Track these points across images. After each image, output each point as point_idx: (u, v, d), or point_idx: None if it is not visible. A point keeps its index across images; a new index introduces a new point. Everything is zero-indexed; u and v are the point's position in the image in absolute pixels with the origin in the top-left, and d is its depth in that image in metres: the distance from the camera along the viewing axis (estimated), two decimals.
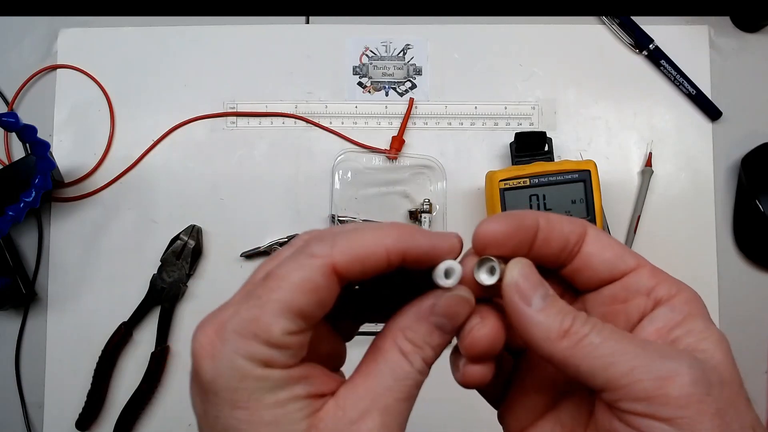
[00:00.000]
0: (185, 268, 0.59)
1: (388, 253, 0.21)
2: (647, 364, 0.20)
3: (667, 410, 0.20)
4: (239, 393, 0.20)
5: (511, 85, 0.62)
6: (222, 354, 0.20)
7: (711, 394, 0.20)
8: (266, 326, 0.20)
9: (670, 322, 0.23)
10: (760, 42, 0.62)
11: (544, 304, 0.22)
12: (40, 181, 0.53)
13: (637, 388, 0.20)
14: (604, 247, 0.24)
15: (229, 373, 0.20)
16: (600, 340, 0.21)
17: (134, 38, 0.63)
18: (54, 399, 0.59)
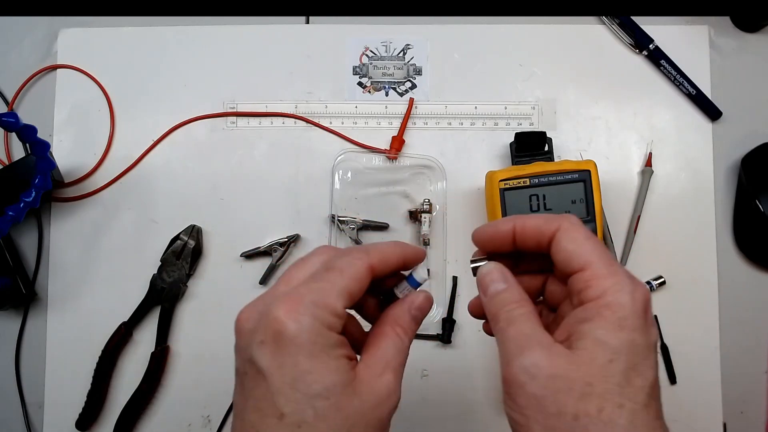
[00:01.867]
0: (185, 268, 0.59)
1: (397, 258, 0.33)
2: (507, 352, 0.29)
3: (504, 384, 0.30)
4: (316, 345, 0.28)
5: (511, 85, 0.62)
6: (305, 317, 0.28)
7: (529, 383, 0.28)
8: (334, 301, 0.29)
9: (575, 323, 0.29)
10: (760, 42, 0.62)
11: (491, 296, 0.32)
12: (40, 181, 0.53)
13: (501, 364, 0.30)
14: (561, 250, 0.30)
15: (310, 329, 0.28)
16: (503, 326, 0.30)
17: (134, 38, 0.63)
18: (54, 399, 0.59)
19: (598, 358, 0.27)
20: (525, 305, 0.31)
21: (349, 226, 0.59)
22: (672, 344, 0.59)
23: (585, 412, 0.26)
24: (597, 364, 0.27)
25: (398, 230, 0.60)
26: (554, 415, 0.27)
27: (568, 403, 0.27)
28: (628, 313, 0.28)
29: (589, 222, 0.54)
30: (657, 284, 0.59)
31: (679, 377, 0.58)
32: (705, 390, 0.58)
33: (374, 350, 0.31)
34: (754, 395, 0.59)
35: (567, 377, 0.27)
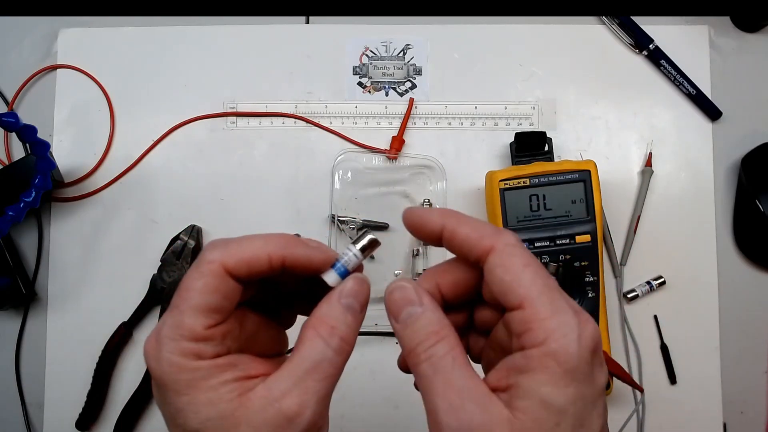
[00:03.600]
0: (185, 268, 0.59)
1: (270, 258, 0.27)
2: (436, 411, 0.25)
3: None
4: (179, 383, 0.25)
5: (511, 85, 0.62)
6: (161, 354, 0.25)
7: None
8: (189, 326, 0.26)
9: (514, 372, 0.25)
10: (760, 42, 0.62)
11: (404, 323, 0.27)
12: (40, 181, 0.53)
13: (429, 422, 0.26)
14: (495, 281, 0.26)
15: (169, 368, 0.25)
16: (428, 372, 0.26)
17: (134, 38, 0.63)
18: (54, 399, 0.59)
19: (544, 424, 0.24)
20: (448, 337, 0.26)
21: (349, 226, 0.59)
22: (672, 344, 0.59)
23: None
24: (543, 429, 0.24)
25: (398, 230, 0.60)
26: None
27: None
28: (574, 362, 0.24)
29: (589, 222, 0.54)
30: (657, 284, 0.59)
31: (679, 377, 0.58)
32: (705, 390, 0.58)
33: (285, 365, 0.26)
34: (754, 395, 0.59)
35: None
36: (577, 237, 0.54)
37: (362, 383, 0.58)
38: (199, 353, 0.26)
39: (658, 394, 0.58)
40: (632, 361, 0.59)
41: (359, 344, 0.58)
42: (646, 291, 0.59)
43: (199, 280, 0.26)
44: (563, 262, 0.54)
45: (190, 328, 0.25)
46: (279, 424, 0.25)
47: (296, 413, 0.25)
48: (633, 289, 0.59)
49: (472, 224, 0.27)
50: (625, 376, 0.53)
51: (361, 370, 0.58)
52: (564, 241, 0.54)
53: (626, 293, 0.59)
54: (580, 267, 0.54)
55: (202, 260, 0.27)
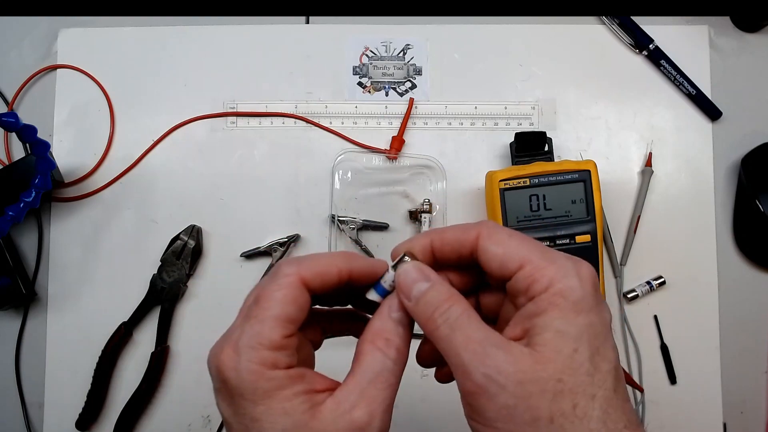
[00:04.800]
0: (185, 268, 0.59)
1: (339, 270, 0.29)
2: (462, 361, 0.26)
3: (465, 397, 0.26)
4: (258, 392, 0.26)
5: (511, 85, 0.62)
6: (241, 364, 0.26)
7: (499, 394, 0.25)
8: (268, 335, 0.27)
9: (528, 318, 0.27)
10: (760, 42, 0.62)
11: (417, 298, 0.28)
12: (40, 181, 0.53)
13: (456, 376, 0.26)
14: (491, 257, 0.28)
15: (248, 377, 0.26)
16: (446, 332, 0.27)
17: (134, 38, 0.63)
18: (54, 399, 0.59)
19: (563, 350, 0.25)
20: (459, 302, 0.28)
21: (349, 226, 0.59)
22: (672, 344, 0.59)
23: (560, 412, 0.25)
24: (563, 357, 0.25)
25: (398, 230, 0.60)
26: (529, 422, 0.25)
27: (542, 407, 0.25)
28: (579, 295, 0.26)
29: (589, 222, 0.54)
30: (657, 284, 0.59)
31: (679, 377, 0.58)
32: (705, 390, 0.58)
33: (349, 378, 0.28)
34: (754, 395, 0.59)
35: (537, 379, 0.25)
36: (577, 237, 0.54)
37: None
38: (276, 363, 0.27)
39: (658, 394, 0.58)
40: (632, 361, 0.59)
41: None
42: (646, 291, 0.59)
43: (278, 291, 0.28)
44: None
45: (269, 337, 0.27)
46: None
47: (367, 423, 0.26)
48: (633, 289, 0.59)
49: (454, 227, 0.30)
50: (625, 375, 0.53)
51: None
52: (564, 241, 0.54)
53: (626, 293, 0.59)
54: None
55: (279, 273, 0.28)
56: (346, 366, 0.29)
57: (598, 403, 0.25)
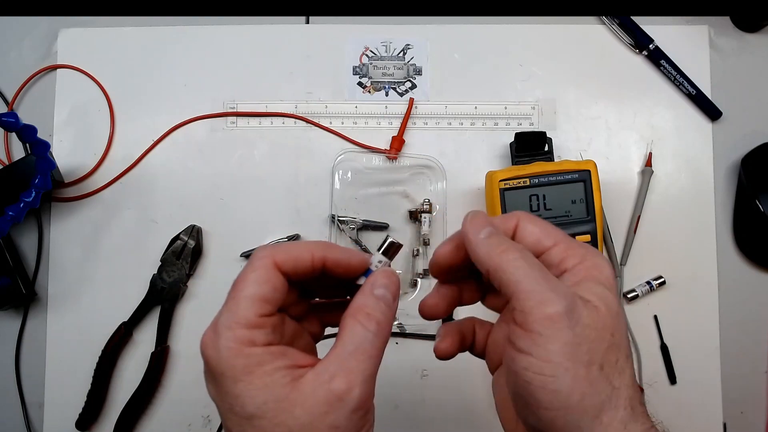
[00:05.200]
0: (185, 268, 0.59)
1: (312, 257, 0.30)
2: (540, 290, 0.27)
3: (535, 324, 0.26)
4: (236, 369, 0.27)
5: (511, 85, 0.62)
6: (219, 343, 0.28)
7: (572, 328, 0.26)
8: (243, 314, 0.28)
9: (570, 284, 0.29)
10: (760, 42, 0.62)
11: (488, 235, 0.30)
12: (40, 181, 0.53)
13: (528, 303, 0.27)
14: (531, 233, 0.31)
15: (226, 354, 0.27)
16: (523, 264, 0.28)
17: (134, 38, 0.63)
18: (54, 399, 0.59)
19: (612, 310, 0.28)
20: (524, 249, 0.30)
21: (349, 226, 0.59)
22: (672, 344, 0.59)
23: (609, 362, 0.27)
24: (612, 316, 0.28)
25: (398, 230, 0.60)
26: (585, 363, 0.26)
27: (599, 353, 0.27)
28: (610, 273, 0.29)
29: (589, 222, 0.54)
30: (657, 284, 0.59)
31: (679, 377, 0.58)
32: (705, 390, 0.58)
33: (330, 351, 0.29)
34: (754, 395, 0.59)
35: (600, 327, 0.27)
36: (577, 237, 0.54)
37: None
38: (253, 340, 0.28)
39: (658, 394, 0.58)
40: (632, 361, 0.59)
41: None
42: (646, 291, 0.59)
43: (252, 273, 0.29)
44: None
45: (244, 315, 0.28)
46: (330, 403, 0.27)
47: (345, 391, 0.27)
48: (633, 289, 0.59)
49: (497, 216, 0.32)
50: None
51: None
52: None
53: (626, 293, 0.59)
54: None
55: (254, 258, 0.30)
56: None
57: (630, 363, 0.28)
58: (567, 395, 0.26)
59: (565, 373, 0.26)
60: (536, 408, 0.27)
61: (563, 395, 0.26)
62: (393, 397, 0.58)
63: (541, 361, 0.26)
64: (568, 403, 0.26)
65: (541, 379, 0.26)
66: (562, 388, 0.26)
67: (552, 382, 0.26)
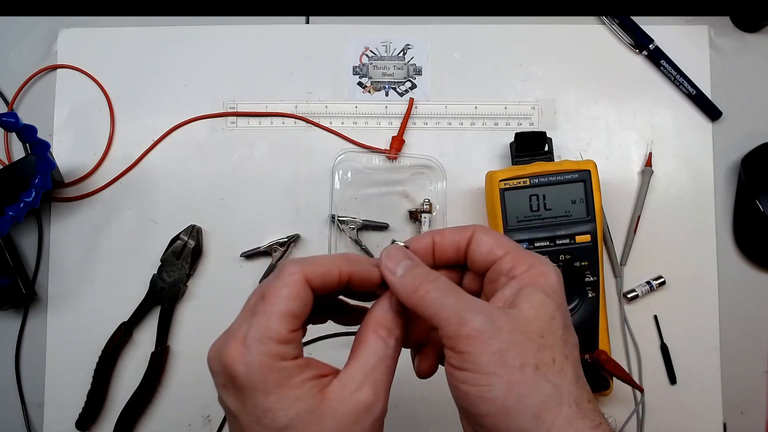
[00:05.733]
0: (185, 268, 0.59)
1: (340, 272, 0.31)
2: (456, 313, 0.28)
3: (460, 345, 0.28)
4: (269, 383, 0.28)
5: (511, 85, 0.62)
6: (251, 357, 0.28)
7: (495, 338, 0.28)
8: (276, 329, 0.28)
9: (513, 290, 0.30)
10: (760, 42, 0.62)
11: (403, 272, 0.30)
12: (40, 181, 0.53)
13: (449, 329, 0.28)
14: (483, 244, 0.32)
15: (258, 369, 0.28)
16: (436, 294, 0.29)
17: (134, 38, 0.63)
18: (54, 399, 0.59)
19: (544, 314, 0.29)
20: (443, 277, 0.31)
21: (349, 226, 0.59)
22: (672, 344, 0.59)
23: (543, 362, 0.28)
24: (544, 319, 0.29)
25: (398, 230, 0.60)
26: (518, 367, 0.27)
27: (530, 355, 0.28)
28: (555, 281, 0.31)
29: (589, 222, 0.54)
30: (657, 284, 0.59)
31: (679, 377, 0.58)
32: (705, 390, 0.58)
33: (352, 362, 0.30)
34: (754, 395, 0.59)
35: (525, 331, 0.28)
36: (577, 237, 0.54)
37: None
38: (284, 355, 0.28)
39: (658, 394, 0.58)
40: (632, 361, 0.59)
41: None
42: (646, 291, 0.59)
43: (284, 288, 0.29)
44: (563, 262, 0.54)
45: (276, 330, 0.28)
46: (358, 413, 0.28)
47: (372, 402, 0.29)
48: (633, 289, 0.59)
49: (451, 228, 0.33)
50: (625, 376, 0.53)
51: None
52: (564, 241, 0.54)
53: (626, 293, 0.59)
54: (580, 267, 0.54)
55: (284, 272, 0.30)
56: (343, 363, 0.31)
57: (570, 363, 0.29)
58: (504, 399, 0.27)
59: (498, 380, 0.27)
60: (478, 417, 0.28)
61: (500, 400, 0.27)
62: (393, 397, 0.58)
63: (475, 374, 0.27)
64: (506, 407, 0.27)
65: (477, 389, 0.27)
66: (497, 394, 0.27)
67: (488, 390, 0.27)
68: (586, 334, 0.54)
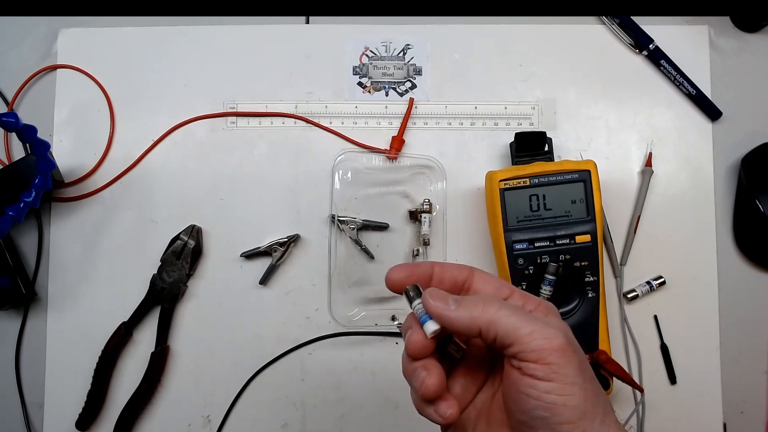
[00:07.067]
0: (185, 268, 0.59)
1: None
2: (539, 328, 0.30)
3: (549, 357, 0.30)
4: None
5: (511, 85, 0.62)
6: None
7: (576, 352, 0.31)
8: None
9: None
10: (760, 42, 0.62)
11: (457, 302, 0.32)
12: (40, 181, 0.53)
13: (534, 343, 0.30)
14: (487, 284, 0.34)
15: None
16: (508, 312, 0.31)
17: (134, 38, 0.63)
18: (54, 399, 0.59)
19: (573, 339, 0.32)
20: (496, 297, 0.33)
21: (349, 226, 0.59)
22: (672, 344, 0.59)
23: (594, 375, 0.32)
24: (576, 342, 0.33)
25: (398, 230, 0.60)
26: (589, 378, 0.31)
27: (589, 368, 0.31)
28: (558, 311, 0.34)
29: (589, 222, 0.54)
30: (657, 284, 0.59)
31: (679, 377, 0.58)
32: (705, 390, 0.58)
33: None
34: (754, 395, 0.59)
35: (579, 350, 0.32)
36: (577, 237, 0.54)
37: (362, 384, 0.58)
38: None
39: (658, 394, 0.58)
40: (632, 361, 0.59)
41: (359, 344, 0.58)
42: (646, 291, 0.59)
43: None
44: (563, 262, 0.54)
45: None
46: None
47: None
48: (633, 289, 0.59)
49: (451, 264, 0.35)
50: (625, 376, 0.53)
51: (361, 371, 0.58)
52: (564, 241, 0.54)
53: (626, 293, 0.59)
54: (580, 267, 0.54)
55: None
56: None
57: None
58: (583, 406, 0.29)
59: (580, 389, 0.30)
60: (558, 425, 0.29)
61: (581, 407, 0.29)
62: (393, 398, 0.58)
63: (562, 384, 0.29)
64: (584, 413, 0.29)
65: (563, 398, 0.29)
66: (579, 402, 0.29)
67: (571, 399, 0.29)
68: (586, 334, 0.54)
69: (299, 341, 0.59)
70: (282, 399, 0.59)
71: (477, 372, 0.35)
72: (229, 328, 0.59)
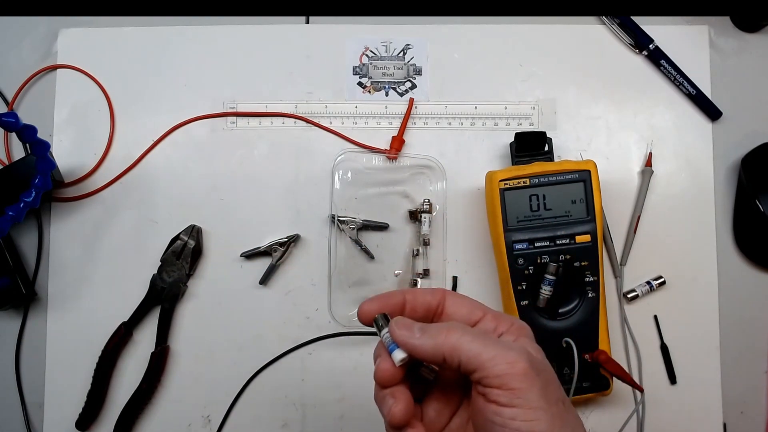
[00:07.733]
0: (185, 268, 0.59)
1: None
2: (502, 353, 0.30)
3: (512, 382, 0.29)
4: None
5: (511, 85, 0.62)
6: None
7: (540, 374, 0.30)
8: None
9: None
10: (760, 42, 0.62)
11: (422, 329, 0.32)
12: (40, 181, 0.53)
13: (497, 368, 0.30)
14: (460, 306, 0.34)
15: None
16: (471, 338, 0.31)
17: (134, 38, 0.63)
18: (54, 399, 0.59)
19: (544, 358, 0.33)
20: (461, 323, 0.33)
21: (349, 226, 0.59)
22: (672, 344, 0.59)
23: (563, 397, 0.31)
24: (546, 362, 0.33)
25: (398, 230, 0.60)
26: (554, 402, 0.30)
27: (557, 390, 0.31)
28: (531, 331, 0.34)
29: (589, 222, 0.54)
30: (657, 284, 0.59)
31: (679, 377, 0.58)
32: (705, 390, 0.58)
33: None
34: (754, 395, 0.59)
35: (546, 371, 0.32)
36: (577, 237, 0.54)
37: (362, 383, 0.58)
38: None
39: (658, 394, 0.58)
40: (632, 361, 0.59)
41: (359, 344, 0.58)
42: (646, 291, 0.59)
43: None
44: (563, 262, 0.54)
45: None
46: None
47: None
48: (633, 289, 0.59)
49: (422, 289, 0.36)
50: (625, 376, 0.53)
51: (360, 370, 0.58)
52: (564, 241, 0.54)
53: (626, 293, 0.59)
54: (580, 267, 0.54)
55: None
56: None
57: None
58: (550, 431, 0.29)
59: (544, 414, 0.29)
60: None
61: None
62: None
63: (525, 409, 0.29)
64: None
65: (528, 424, 0.29)
66: (545, 427, 0.29)
67: (537, 424, 0.29)
68: (586, 334, 0.54)
69: (299, 341, 0.59)
70: (282, 399, 0.59)
71: (451, 396, 0.35)
72: (229, 328, 0.59)
